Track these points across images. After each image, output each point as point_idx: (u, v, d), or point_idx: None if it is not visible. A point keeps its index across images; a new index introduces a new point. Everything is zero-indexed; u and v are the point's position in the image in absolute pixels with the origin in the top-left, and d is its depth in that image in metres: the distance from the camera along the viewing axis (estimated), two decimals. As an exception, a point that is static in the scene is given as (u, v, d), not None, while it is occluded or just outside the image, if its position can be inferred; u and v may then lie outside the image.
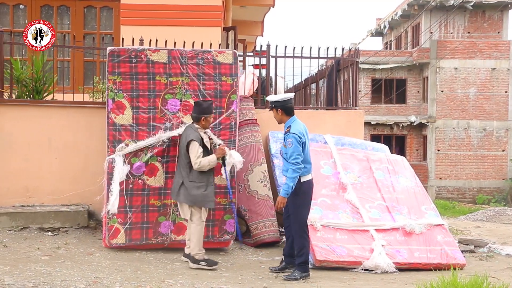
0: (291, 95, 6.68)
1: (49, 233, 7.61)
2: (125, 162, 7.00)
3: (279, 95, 6.64)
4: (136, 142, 7.08)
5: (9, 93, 8.33)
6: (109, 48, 7.30)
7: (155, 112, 7.20)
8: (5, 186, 7.97)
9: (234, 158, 6.92)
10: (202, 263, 6.58)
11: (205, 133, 6.78)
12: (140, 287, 5.60)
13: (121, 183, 7.01)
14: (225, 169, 7.02)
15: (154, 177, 7.15)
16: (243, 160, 7.03)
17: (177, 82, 7.30)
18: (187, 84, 7.32)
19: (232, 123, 7.44)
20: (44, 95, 8.49)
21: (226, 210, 7.37)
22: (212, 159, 6.60)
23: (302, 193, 6.38)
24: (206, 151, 6.65)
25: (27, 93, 8.38)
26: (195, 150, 6.48)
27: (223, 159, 6.90)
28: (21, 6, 10.96)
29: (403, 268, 6.96)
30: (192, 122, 6.73)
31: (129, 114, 7.15)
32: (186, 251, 6.77)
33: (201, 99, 7.12)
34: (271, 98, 6.66)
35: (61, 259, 6.54)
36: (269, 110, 6.74)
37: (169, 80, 7.27)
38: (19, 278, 5.58)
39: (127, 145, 7.08)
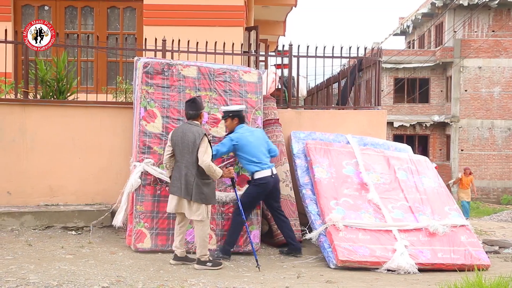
0: (244, 106, 7.57)
1: (73, 232, 7.68)
2: (141, 178, 7.17)
3: (236, 106, 7.42)
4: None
5: (34, 93, 8.42)
6: (143, 60, 7.60)
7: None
8: (30, 185, 8.06)
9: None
10: (209, 264, 6.52)
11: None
12: (162, 286, 5.62)
13: (149, 189, 7.18)
14: (235, 190, 7.08)
15: None
16: None
17: (206, 96, 7.61)
18: (214, 98, 7.68)
19: (265, 133, 7.61)
20: (68, 95, 8.58)
21: (251, 221, 7.43)
22: (218, 172, 6.55)
23: (254, 185, 7.16)
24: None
25: (51, 93, 8.47)
26: (205, 145, 6.45)
27: (232, 180, 7.02)
28: (46, 7, 11.09)
29: (426, 269, 6.91)
30: (189, 120, 6.67)
31: (159, 122, 7.38)
32: (179, 253, 6.65)
33: (193, 96, 7.15)
34: (225, 108, 7.36)
35: (85, 258, 6.60)
36: (224, 119, 7.38)
37: (198, 94, 7.56)
38: (44, 277, 5.64)
39: (155, 164, 7.25)
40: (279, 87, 9.36)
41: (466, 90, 29.15)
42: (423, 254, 7.06)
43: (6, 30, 8.41)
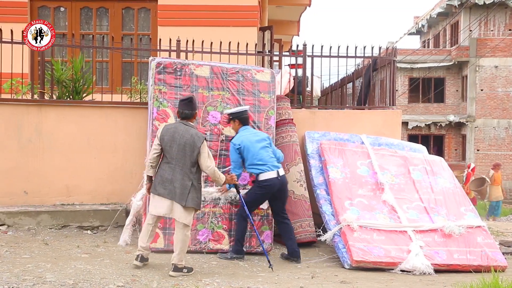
0: (247, 107, 7.49)
1: (89, 232, 7.74)
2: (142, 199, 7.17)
3: (237, 108, 7.37)
4: None
5: (50, 93, 8.49)
6: (156, 60, 7.61)
7: (197, 123, 7.37)
8: (46, 185, 8.13)
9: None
10: (185, 270, 6.14)
11: None
12: (177, 286, 5.64)
13: None
14: (240, 196, 6.99)
15: (211, 187, 7.27)
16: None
17: (218, 96, 7.64)
18: (227, 98, 7.69)
19: (270, 137, 7.51)
20: (83, 96, 8.64)
21: (263, 221, 7.44)
22: (223, 177, 6.39)
23: (258, 186, 7.06)
24: None
25: (67, 94, 8.53)
26: (207, 150, 6.20)
27: (236, 187, 6.85)
28: (62, 9, 11.17)
29: (441, 270, 6.88)
30: (183, 120, 6.29)
31: (172, 122, 7.30)
32: (146, 255, 6.33)
33: (188, 95, 6.89)
34: (228, 111, 7.34)
35: (100, 257, 6.64)
36: (227, 123, 7.43)
37: (211, 94, 7.62)
38: (60, 275, 5.69)
39: None
40: (293, 91, 9.34)
41: (482, 90, 28.91)
42: (438, 255, 7.03)
43: (23, 31, 8.48)
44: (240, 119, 7.23)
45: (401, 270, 6.79)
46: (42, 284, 5.37)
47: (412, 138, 28.63)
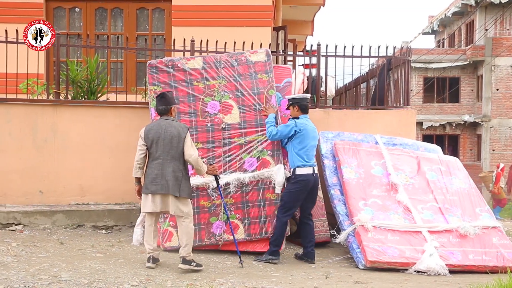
0: (308, 95, 7.48)
1: (103, 231, 7.78)
2: None
3: (298, 94, 7.36)
4: None
5: (65, 94, 8.55)
6: (148, 62, 7.68)
7: (196, 115, 7.45)
8: (61, 185, 8.19)
9: (276, 178, 7.23)
10: (193, 263, 6.23)
11: None
12: (191, 285, 5.65)
13: None
14: (218, 187, 6.92)
15: (203, 178, 7.21)
16: (281, 182, 7.23)
17: (214, 86, 7.59)
18: (224, 86, 7.62)
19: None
20: (98, 96, 8.68)
21: (277, 205, 7.33)
22: (205, 167, 6.40)
23: (294, 181, 7.04)
24: None
25: (82, 94, 8.58)
26: (190, 139, 6.30)
27: (216, 177, 6.77)
28: (77, 9, 11.24)
29: (457, 270, 6.84)
30: (163, 116, 6.36)
31: None
32: (157, 255, 6.35)
33: (163, 91, 6.98)
34: (289, 96, 7.35)
35: (115, 256, 6.68)
36: (286, 109, 7.38)
37: (206, 84, 7.59)
38: (75, 275, 5.72)
39: None
40: (307, 91, 9.33)
41: (497, 89, 28.69)
42: (453, 255, 6.99)
43: (38, 32, 8.54)
44: (300, 105, 7.17)
45: (415, 271, 6.76)
46: (58, 283, 5.40)
47: (427, 138, 28.47)
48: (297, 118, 7.19)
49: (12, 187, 8.10)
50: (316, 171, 7.17)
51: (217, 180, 6.80)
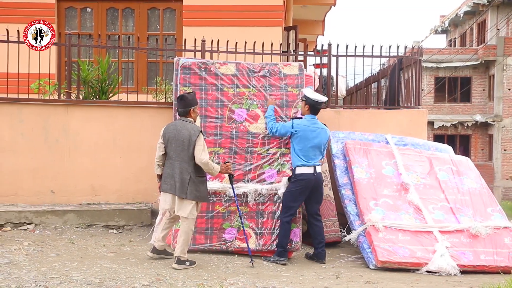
0: (325, 99, 7.45)
1: (114, 231, 7.81)
2: None
3: (316, 94, 7.22)
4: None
5: (77, 94, 8.58)
6: (181, 61, 7.59)
7: (222, 121, 7.41)
8: (73, 184, 8.22)
9: (281, 188, 7.19)
10: (187, 263, 6.35)
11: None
12: (202, 285, 5.65)
13: None
14: (232, 187, 6.95)
15: (221, 184, 7.24)
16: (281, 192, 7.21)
17: (244, 93, 7.55)
18: (254, 94, 7.58)
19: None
20: (109, 96, 8.72)
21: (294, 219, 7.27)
22: (217, 168, 6.44)
23: (294, 181, 7.05)
24: None
25: (93, 94, 8.62)
26: (202, 143, 6.32)
27: (230, 176, 6.83)
28: (88, 9, 11.29)
29: (468, 271, 6.81)
30: (181, 117, 6.50)
31: (197, 122, 7.29)
32: (159, 246, 6.59)
33: (186, 92, 7.05)
34: (308, 92, 7.23)
35: (126, 256, 6.70)
36: (300, 101, 7.38)
37: (236, 91, 7.55)
38: (86, 274, 5.74)
39: None
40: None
41: (509, 89, 28.52)
42: (465, 255, 6.95)
43: (49, 32, 8.58)
44: (312, 106, 7.14)
45: (426, 271, 6.74)
46: (69, 282, 5.43)
47: (438, 138, 28.37)
48: (301, 117, 7.24)
49: (24, 187, 8.15)
50: (318, 171, 7.10)
51: (231, 179, 6.84)
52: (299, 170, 7.03)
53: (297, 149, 7.06)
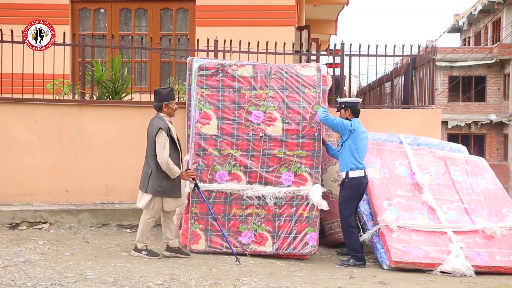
0: (359, 99, 7.57)
1: (128, 230, 7.85)
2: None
3: (351, 98, 7.35)
4: (219, 151, 7.24)
5: (91, 94, 8.63)
6: (198, 63, 7.57)
7: (239, 123, 7.35)
8: (87, 184, 8.27)
9: (314, 198, 7.10)
10: (144, 252, 6.61)
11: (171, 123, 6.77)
12: (215, 285, 5.66)
13: (204, 191, 7.13)
14: (200, 192, 6.95)
15: (238, 185, 7.21)
16: (324, 202, 7.11)
17: (261, 95, 7.45)
18: (271, 96, 7.46)
19: (316, 134, 7.36)
20: (123, 96, 8.76)
21: (309, 223, 7.22)
22: (175, 171, 6.49)
23: (348, 187, 7.04)
24: (173, 143, 6.63)
25: (107, 94, 8.66)
26: (162, 140, 6.44)
27: (195, 184, 6.86)
28: (102, 10, 11.35)
29: (483, 272, 6.76)
30: (157, 113, 6.71)
31: (214, 124, 7.31)
32: (172, 244, 6.77)
33: (159, 87, 7.18)
34: (343, 99, 7.39)
35: (139, 255, 6.72)
36: (337, 111, 7.42)
37: (253, 93, 7.45)
38: (100, 273, 5.78)
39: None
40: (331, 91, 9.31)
41: (525, 88, 28.29)
42: (480, 256, 6.90)
43: (64, 33, 8.65)
44: (353, 109, 7.21)
45: (440, 272, 6.70)
46: (83, 281, 5.47)
47: (452, 138, 28.20)
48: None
49: (39, 186, 8.21)
50: (367, 173, 7.21)
51: (196, 186, 6.88)
52: (352, 174, 7.02)
53: (353, 149, 7.04)
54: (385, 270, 6.80)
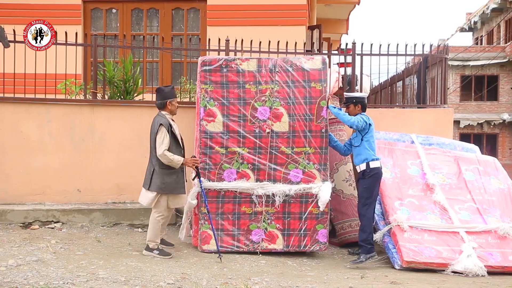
0: (366, 94, 7.72)
1: (139, 230, 7.87)
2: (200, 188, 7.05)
3: (359, 93, 7.38)
4: (226, 149, 7.19)
5: (102, 94, 8.67)
6: (200, 58, 7.43)
7: (245, 120, 7.24)
8: (99, 183, 8.31)
9: (322, 196, 7.06)
10: (155, 251, 6.66)
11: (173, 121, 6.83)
12: (226, 284, 5.67)
13: (213, 191, 7.13)
14: (199, 180, 6.94)
15: (248, 183, 7.17)
16: (327, 200, 7.09)
17: (266, 90, 7.31)
18: (276, 91, 7.31)
19: (323, 130, 7.29)
20: (134, 96, 8.78)
21: (318, 219, 7.20)
22: (177, 159, 6.56)
23: (369, 177, 7.03)
24: (175, 140, 6.66)
25: (118, 94, 8.69)
26: (162, 136, 6.55)
27: (197, 171, 6.88)
28: (113, 10, 11.39)
29: (496, 272, 6.72)
30: (159, 111, 6.81)
31: (220, 121, 7.23)
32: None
33: (161, 86, 7.13)
34: (353, 94, 7.42)
35: (151, 254, 6.74)
36: (346, 106, 7.35)
37: (258, 88, 7.31)
38: (112, 272, 5.80)
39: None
40: (341, 86, 9.28)
41: (538, 87, 28.08)
42: (492, 256, 6.86)
43: (76, 33, 8.69)
44: (363, 104, 7.27)
45: (452, 272, 6.67)
46: (95, 280, 5.49)
47: (464, 137, 28.03)
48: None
49: (51, 186, 8.26)
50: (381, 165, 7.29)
51: (198, 173, 6.90)
52: (373, 164, 7.06)
53: (371, 142, 7.13)
54: (396, 270, 6.78)
